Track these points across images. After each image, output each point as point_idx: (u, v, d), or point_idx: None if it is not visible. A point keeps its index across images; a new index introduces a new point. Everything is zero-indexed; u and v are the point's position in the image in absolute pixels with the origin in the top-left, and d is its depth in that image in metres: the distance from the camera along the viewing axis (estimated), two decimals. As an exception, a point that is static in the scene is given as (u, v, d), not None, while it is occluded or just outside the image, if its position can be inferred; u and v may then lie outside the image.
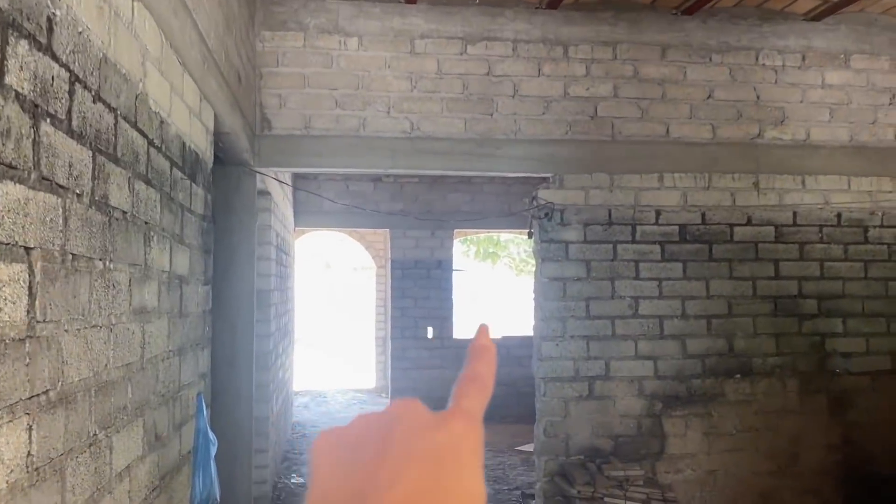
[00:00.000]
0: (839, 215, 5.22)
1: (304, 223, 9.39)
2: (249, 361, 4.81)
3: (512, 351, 9.54)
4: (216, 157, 4.44)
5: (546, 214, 4.95)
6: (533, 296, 5.08)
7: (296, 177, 9.15)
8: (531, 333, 5.28)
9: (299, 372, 11.27)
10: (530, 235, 5.09)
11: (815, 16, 5.15)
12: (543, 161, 5.00)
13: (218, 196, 4.81)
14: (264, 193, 5.86)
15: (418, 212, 9.39)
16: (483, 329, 0.49)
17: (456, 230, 9.89)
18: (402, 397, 0.44)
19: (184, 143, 2.69)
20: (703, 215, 5.14)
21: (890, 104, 5.30)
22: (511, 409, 9.35)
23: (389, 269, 9.68)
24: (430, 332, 9.37)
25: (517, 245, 16.22)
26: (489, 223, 9.92)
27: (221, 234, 4.78)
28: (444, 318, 9.43)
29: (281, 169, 4.97)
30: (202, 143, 2.97)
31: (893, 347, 5.22)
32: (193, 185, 2.80)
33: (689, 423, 5.06)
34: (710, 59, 5.17)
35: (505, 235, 15.02)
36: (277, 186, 6.55)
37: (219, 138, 3.90)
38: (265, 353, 5.90)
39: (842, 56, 5.28)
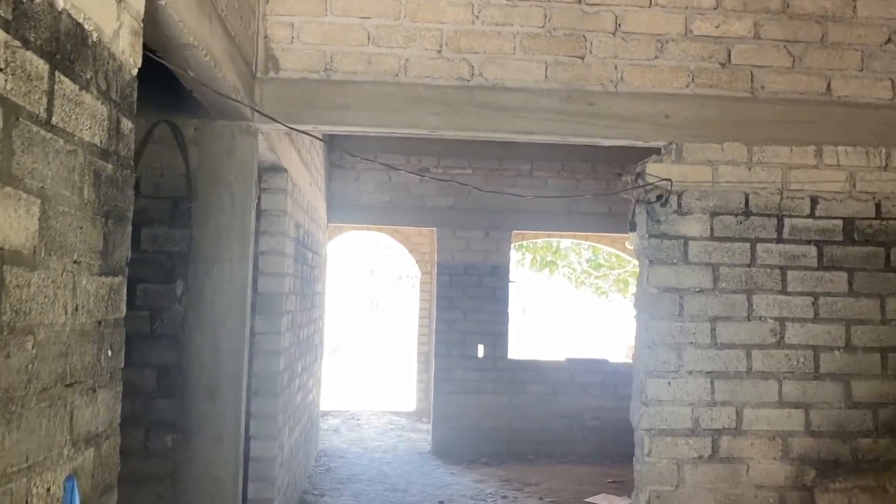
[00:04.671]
0: None
1: (337, 219, 8.08)
2: (238, 389, 3.48)
3: (577, 377, 8.03)
4: (196, 101, 3.15)
5: (658, 198, 3.51)
6: (635, 312, 3.64)
7: (330, 164, 7.86)
8: (604, 357, 3.82)
9: (329, 391, 9.98)
10: (632, 227, 3.65)
11: None
12: (654, 124, 3.57)
13: (203, 162, 3.52)
14: (278, 169, 4.55)
15: (471, 209, 8.00)
16: None
17: (514, 231, 8.45)
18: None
19: (51, 3, 1.37)
20: (878, 206, 3.64)
21: None
22: (575, 447, 7.86)
23: (435, 276, 8.29)
24: (480, 350, 7.94)
25: (577, 254, 14.66)
26: (553, 224, 8.48)
27: (205, 215, 3.47)
28: (497, 335, 7.98)
29: (294, 127, 3.63)
30: (105, 21, 1.64)
31: None
32: (69, 82, 1.47)
33: (855, 501, 3.55)
34: (893, -12, 3.68)
35: (565, 242, 13.49)
36: (300, 166, 5.25)
37: (178, 56, 2.59)
38: (273, 374, 4.58)
39: None
